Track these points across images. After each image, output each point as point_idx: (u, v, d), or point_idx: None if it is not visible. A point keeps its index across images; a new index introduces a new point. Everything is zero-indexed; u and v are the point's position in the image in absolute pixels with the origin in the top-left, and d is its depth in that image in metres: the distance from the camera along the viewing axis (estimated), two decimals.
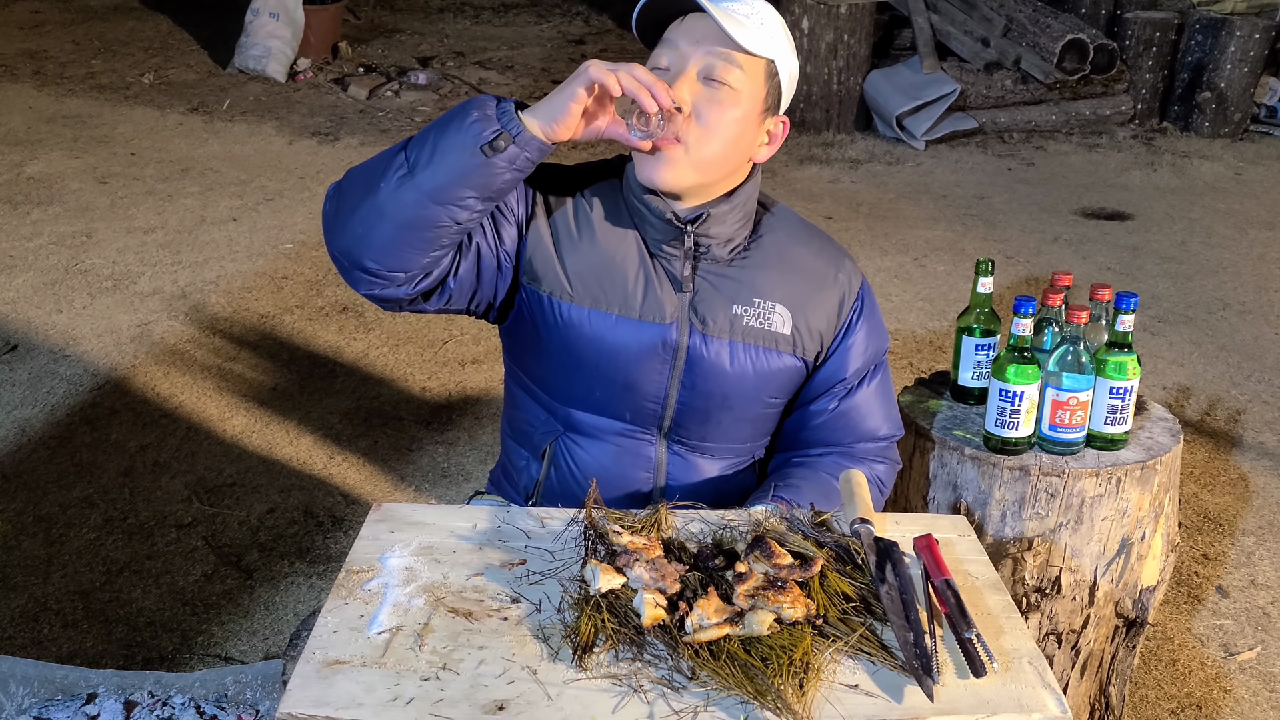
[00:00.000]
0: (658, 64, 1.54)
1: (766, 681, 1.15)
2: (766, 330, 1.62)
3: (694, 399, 1.63)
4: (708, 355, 1.61)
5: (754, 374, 1.63)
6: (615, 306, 1.59)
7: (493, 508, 1.52)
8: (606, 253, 1.60)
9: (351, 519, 2.94)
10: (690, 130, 1.51)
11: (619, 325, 1.59)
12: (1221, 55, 6.70)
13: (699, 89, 1.51)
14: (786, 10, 6.67)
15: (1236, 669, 2.51)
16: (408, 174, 1.40)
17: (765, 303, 1.63)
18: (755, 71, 1.53)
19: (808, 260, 1.68)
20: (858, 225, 5.30)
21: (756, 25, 1.52)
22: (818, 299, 1.66)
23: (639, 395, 1.63)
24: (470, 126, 1.38)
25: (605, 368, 1.61)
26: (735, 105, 1.52)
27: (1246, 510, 3.12)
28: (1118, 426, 1.87)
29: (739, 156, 1.58)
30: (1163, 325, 4.28)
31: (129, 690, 2.21)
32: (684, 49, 1.52)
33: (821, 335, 1.67)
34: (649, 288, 1.60)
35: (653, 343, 1.60)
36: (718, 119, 1.52)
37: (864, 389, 1.71)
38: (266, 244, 4.82)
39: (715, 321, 1.61)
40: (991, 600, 1.36)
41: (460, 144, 1.39)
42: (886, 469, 1.76)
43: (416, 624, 1.25)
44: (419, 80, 7.45)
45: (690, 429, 1.66)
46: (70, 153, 5.93)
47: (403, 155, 1.42)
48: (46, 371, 3.67)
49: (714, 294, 1.61)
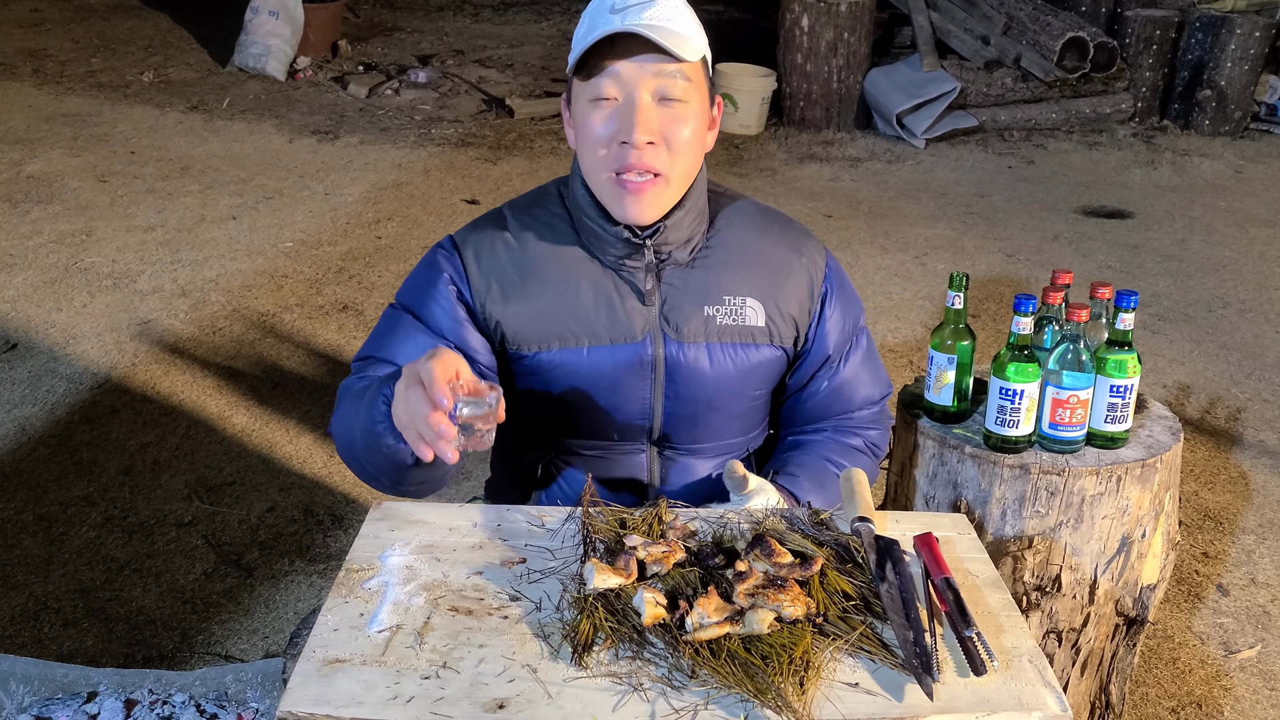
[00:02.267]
0: (602, 95, 1.49)
1: (767, 680, 1.15)
2: (741, 326, 1.61)
3: (679, 406, 1.63)
4: (686, 361, 1.60)
5: (735, 371, 1.63)
6: (584, 338, 1.58)
7: (493, 506, 1.52)
8: (558, 287, 1.58)
9: (351, 517, 2.94)
10: (666, 160, 1.49)
11: (591, 355, 1.58)
12: (1222, 53, 6.70)
13: (657, 113, 1.48)
14: (787, 9, 6.67)
15: (1237, 667, 2.51)
16: (376, 479, 1.48)
17: (736, 299, 1.61)
18: (696, 72, 1.51)
19: (770, 248, 1.66)
20: (858, 223, 5.30)
21: (682, 27, 1.48)
22: (787, 286, 1.65)
23: (623, 415, 1.63)
24: (392, 454, 1.38)
25: (586, 399, 1.61)
26: (692, 116, 1.51)
27: (1247, 508, 3.12)
28: (1118, 425, 1.87)
29: (700, 159, 1.58)
30: (1163, 323, 4.28)
31: (129, 689, 2.21)
32: (627, 75, 1.47)
33: (796, 320, 1.66)
34: (612, 309, 1.58)
35: (629, 363, 1.59)
36: (684, 138, 1.50)
37: (850, 361, 1.72)
38: (266, 242, 4.82)
39: (689, 326, 1.59)
40: (992, 598, 1.35)
41: (395, 466, 1.42)
42: (880, 433, 1.79)
43: (417, 622, 1.25)
44: (419, 78, 7.44)
45: (679, 434, 1.66)
46: (70, 151, 5.93)
47: (364, 464, 1.47)
48: (46, 370, 3.67)
49: (682, 298, 1.60)
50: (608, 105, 1.49)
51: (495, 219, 1.65)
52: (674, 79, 1.48)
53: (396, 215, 5.19)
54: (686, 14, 1.52)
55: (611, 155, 1.50)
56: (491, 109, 7.03)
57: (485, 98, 7.20)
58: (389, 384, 1.37)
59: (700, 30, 1.53)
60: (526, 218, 1.63)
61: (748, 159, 6.29)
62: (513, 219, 1.64)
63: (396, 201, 5.37)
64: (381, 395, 1.37)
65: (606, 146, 1.50)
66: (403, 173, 5.80)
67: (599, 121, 1.50)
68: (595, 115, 1.50)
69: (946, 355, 1.91)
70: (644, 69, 1.47)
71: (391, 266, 4.58)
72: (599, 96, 1.49)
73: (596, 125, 1.50)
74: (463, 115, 6.93)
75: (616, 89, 1.49)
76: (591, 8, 1.53)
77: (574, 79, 1.53)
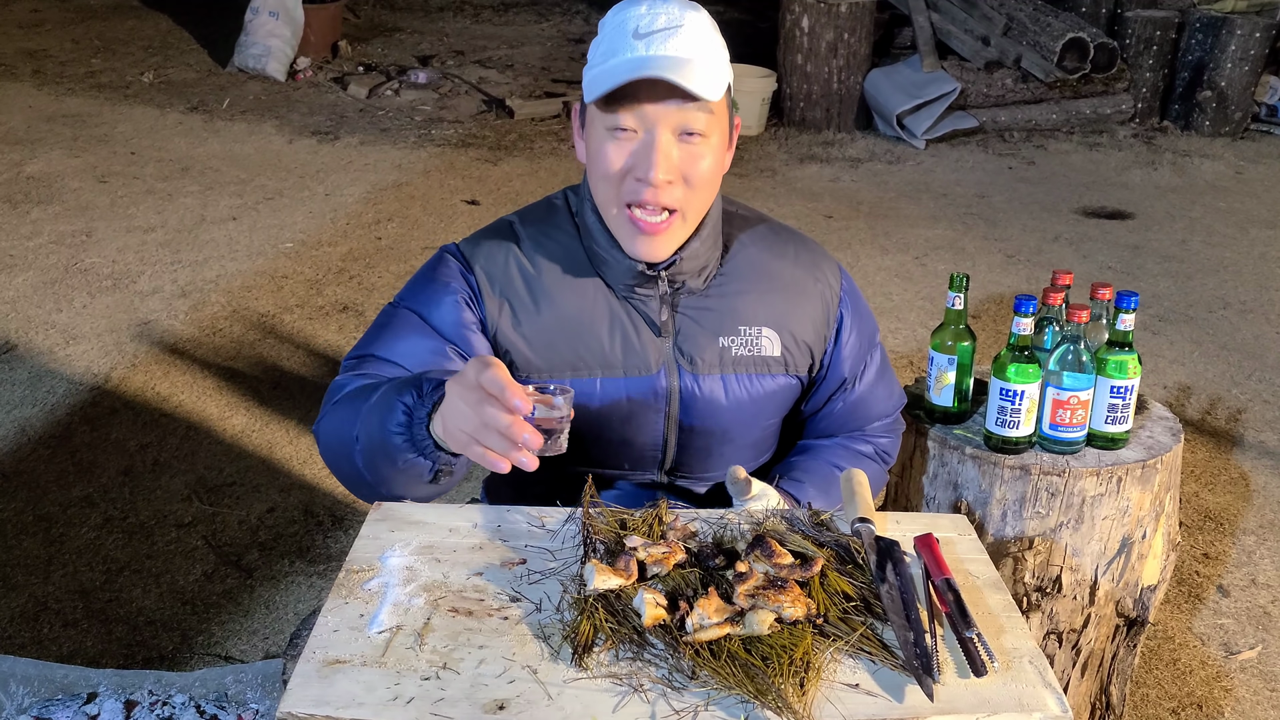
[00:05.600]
0: (620, 125, 1.43)
1: (767, 681, 1.15)
2: (757, 357, 1.59)
3: (693, 439, 1.61)
4: (701, 394, 1.57)
5: (750, 402, 1.60)
6: (596, 369, 1.54)
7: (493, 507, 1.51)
8: (571, 314, 1.54)
9: (351, 518, 2.94)
10: (683, 197, 1.45)
11: (604, 387, 1.55)
12: (1222, 54, 6.70)
13: (677, 150, 1.44)
14: (787, 10, 6.67)
15: (1237, 668, 2.50)
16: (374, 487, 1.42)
17: (751, 329, 1.58)
18: (719, 105, 1.47)
19: (786, 272, 1.62)
20: (858, 224, 5.29)
21: (705, 58, 1.43)
22: (801, 311, 1.62)
23: (636, 447, 1.60)
24: (409, 468, 1.33)
25: (597, 430, 1.57)
26: (712, 150, 1.47)
27: (1247, 509, 3.12)
28: (1118, 425, 1.87)
29: (718, 186, 1.54)
30: (1163, 324, 4.28)
31: (129, 689, 2.21)
32: (649, 109, 1.42)
33: (811, 348, 1.63)
34: (626, 340, 1.54)
35: (643, 396, 1.56)
36: (703, 174, 1.46)
37: (865, 379, 1.70)
38: (266, 243, 4.82)
39: (704, 359, 1.56)
40: (992, 599, 1.35)
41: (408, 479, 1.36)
42: (891, 440, 1.78)
43: (417, 623, 1.25)
44: (419, 79, 7.44)
45: (691, 464, 1.64)
46: (70, 152, 5.93)
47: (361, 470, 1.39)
48: (46, 371, 3.67)
49: (697, 330, 1.56)
50: (625, 138, 1.44)
51: (504, 232, 1.59)
52: (697, 115, 1.43)
53: (397, 216, 5.18)
54: (712, 41, 1.46)
55: (627, 189, 1.45)
56: (492, 109, 7.03)
57: (485, 98, 7.20)
58: (406, 392, 1.30)
59: (723, 56, 1.48)
60: (540, 236, 1.57)
61: (748, 159, 6.29)
62: (525, 237, 1.57)
63: (397, 202, 5.37)
64: (400, 405, 1.29)
65: (622, 180, 1.45)
66: (403, 173, 5.80)
67: (615, 154, 1.44)
68: (612, 146, 1.45)
69: (947, 356, 1.91)
70: (664, 103, 1.42)
71: (392, 267, 4.58)
72: (618, 127, 1.44)
73: (612, 157, 1.45)
74: (463, 116, 6.93)
75: (636, 123, 1.43)
76: (610, 24, 1.47)
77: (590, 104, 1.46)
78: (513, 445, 1.18)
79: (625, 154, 1.44)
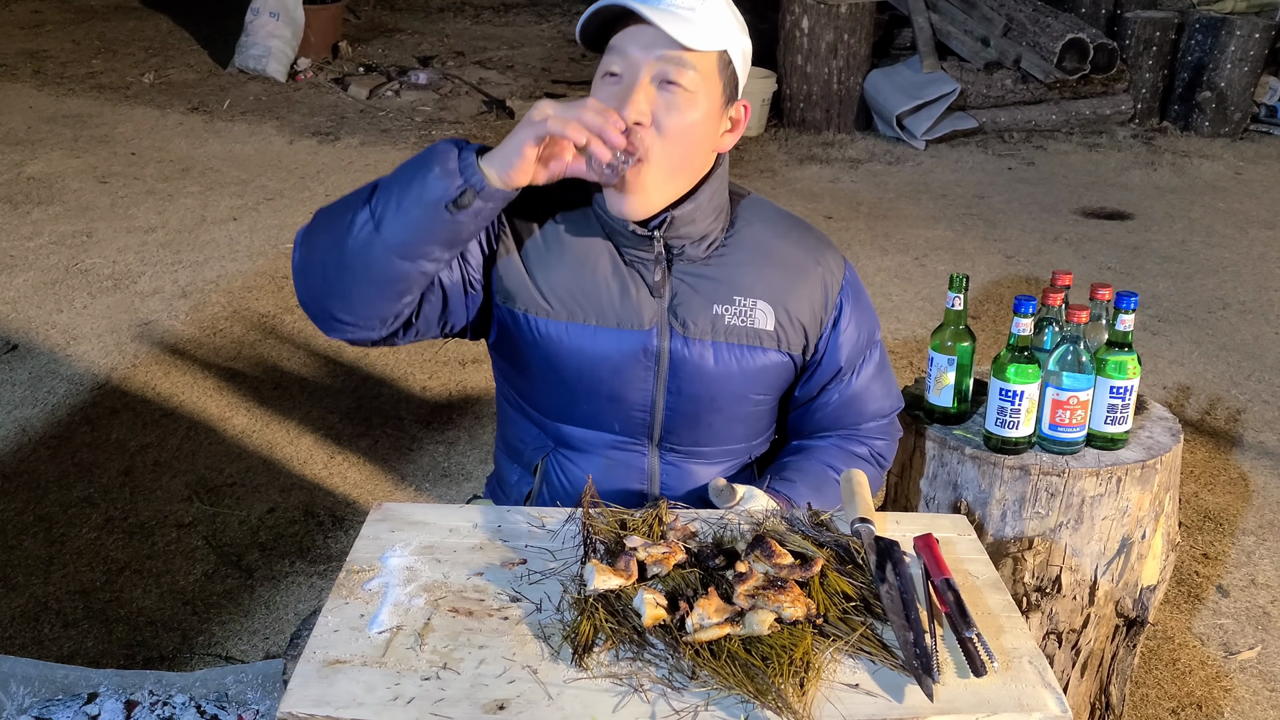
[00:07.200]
0: (609, 70, 1.48)
1: (767, 681, 1.15)
2: (749, 328, 1.60)
3: (681, 404, 1.62)
4: (690, 358, 1.59)
5: (739, 373, 1.61)
6: (592, 317, 1.57)
7: (493, 507, 1.52)
8: (579, 264, 1.58)
9: (352, 518, 2.94)
10: (653, 143, 1.47)
11: (598, 336, 1.57)
12: (1221, 55, 6.70)
13: (655, 95, 1.46)
14: (787, 10, 6.67)
15: (1237, 668, 2.51)
16: (374, 230, 1.38)
17: (746, 300, 1.60)
18: (708, 67, 1.48)
19: (787, 251, 1.64)
20: (858, 225, 5.30)
21: (703, 17, 1.46)
22: (799, 291, 1.63)
23: (625, 405, 1.62)
24: (434, 184, 1.34)
25: (588, 380, 1.59)
26: (693, 107, 1.48)
27: (1247, 509, 3.12)
28: (1118, 426, 1.87)
29: (703, 154, 1.55)
30: (1163, 325, 4.28)
31: (129, 690, 2.21)
32: (634, 55, 1.46)
33: (806, 328, 1.64)
34: (625, 295, 1.57)
35: (633, 350, 1.58)
36: (678, 124, 1.47)
37: (862, 374, 1.70)
38: (267, 243, 4.82)
39: (696, 323, 1.58)
40: (992, 599, 1.36)
41: (425, 201, 1.35)
42: (887, 444, 1.77)
43: (417, 623, 1.25)
44: (419, 80, 7.45)
45: (681, 435, 1.65)
46: (70, 152, 5.93)
47: (368, 210, 1.39)
48: (47, 371, 3.67)
49: (693, 295, 1.59)
50: (612, 82, 1.48)
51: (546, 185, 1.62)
52: (679, 66, 1.45)
53: None
54: (718, 5, 1.49)
55: None
56: (492, 110, 7.03)
57: (486, 99, 7.21)
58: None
59: (731, 24, 1.50)
60: (564, 189, 1.59)
61: (748, 160, 6.29)
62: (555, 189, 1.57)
63: None
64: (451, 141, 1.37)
65: None
66: None
67: (602, 98, 1.47)
68: (601, 92, 1.49)
69: (946, 356, 1.91)
70: (650, 51, 1.45)
71: None
72: (607, 72, 1.49)
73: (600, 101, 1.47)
74: (463, 116, 6.93)
75: (621, 67, 1.47)
76: None
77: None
78: (608, 121, 1.33)
79: (610, 99, 1.47)
